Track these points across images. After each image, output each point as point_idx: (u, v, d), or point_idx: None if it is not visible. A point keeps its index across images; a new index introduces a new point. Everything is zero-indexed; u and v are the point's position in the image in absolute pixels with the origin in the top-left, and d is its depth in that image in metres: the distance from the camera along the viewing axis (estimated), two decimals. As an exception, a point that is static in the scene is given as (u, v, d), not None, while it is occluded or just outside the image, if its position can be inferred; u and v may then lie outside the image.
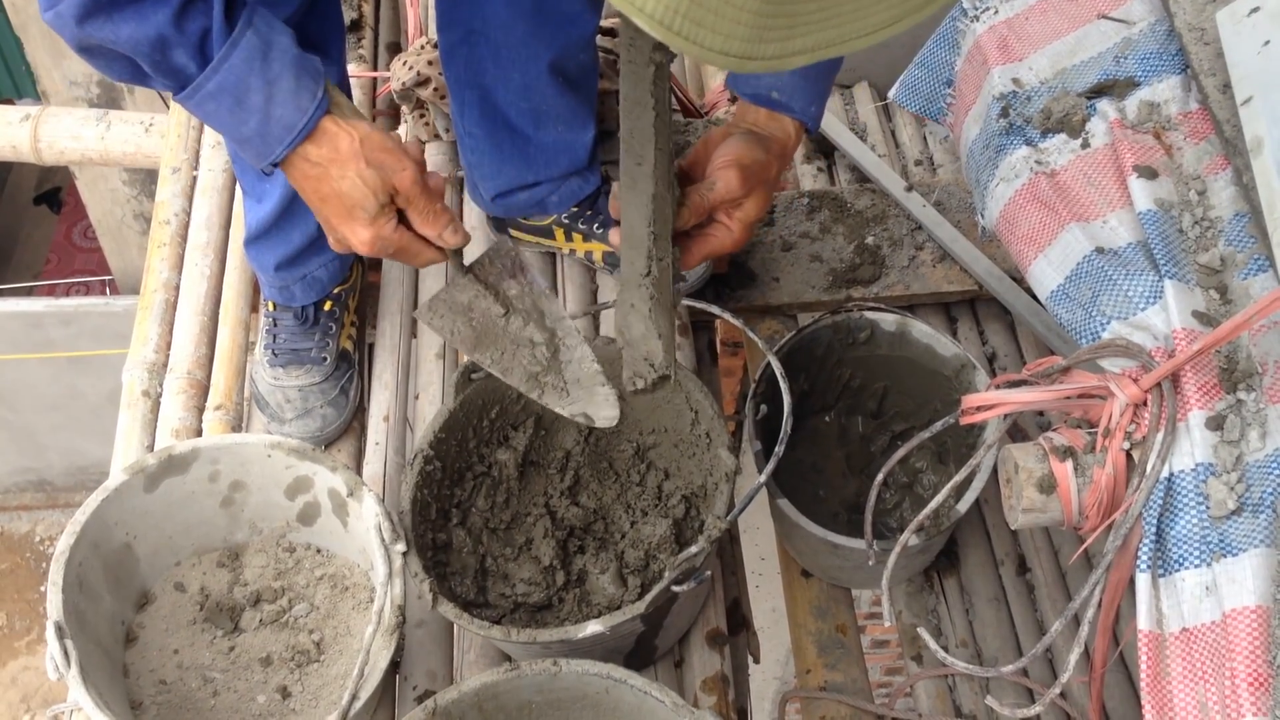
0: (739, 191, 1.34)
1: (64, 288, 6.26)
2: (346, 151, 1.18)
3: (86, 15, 1.11)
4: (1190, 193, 1.35)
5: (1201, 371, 1.21)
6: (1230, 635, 1.09)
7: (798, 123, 1.41)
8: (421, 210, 1.24)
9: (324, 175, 1.19)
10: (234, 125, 1.17)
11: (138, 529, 1.53)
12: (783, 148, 1.40)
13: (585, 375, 1.38)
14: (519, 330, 1.36)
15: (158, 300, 1.96)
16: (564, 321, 1.38)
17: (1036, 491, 1.26)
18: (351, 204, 1.20)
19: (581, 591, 1.60)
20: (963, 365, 1.72)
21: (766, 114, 1.40)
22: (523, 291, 1.37)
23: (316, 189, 1.21)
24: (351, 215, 1.21)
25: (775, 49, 0.79)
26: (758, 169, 1.35)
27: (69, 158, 2.46)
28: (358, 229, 1.22)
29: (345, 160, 1.18)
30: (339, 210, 1.21)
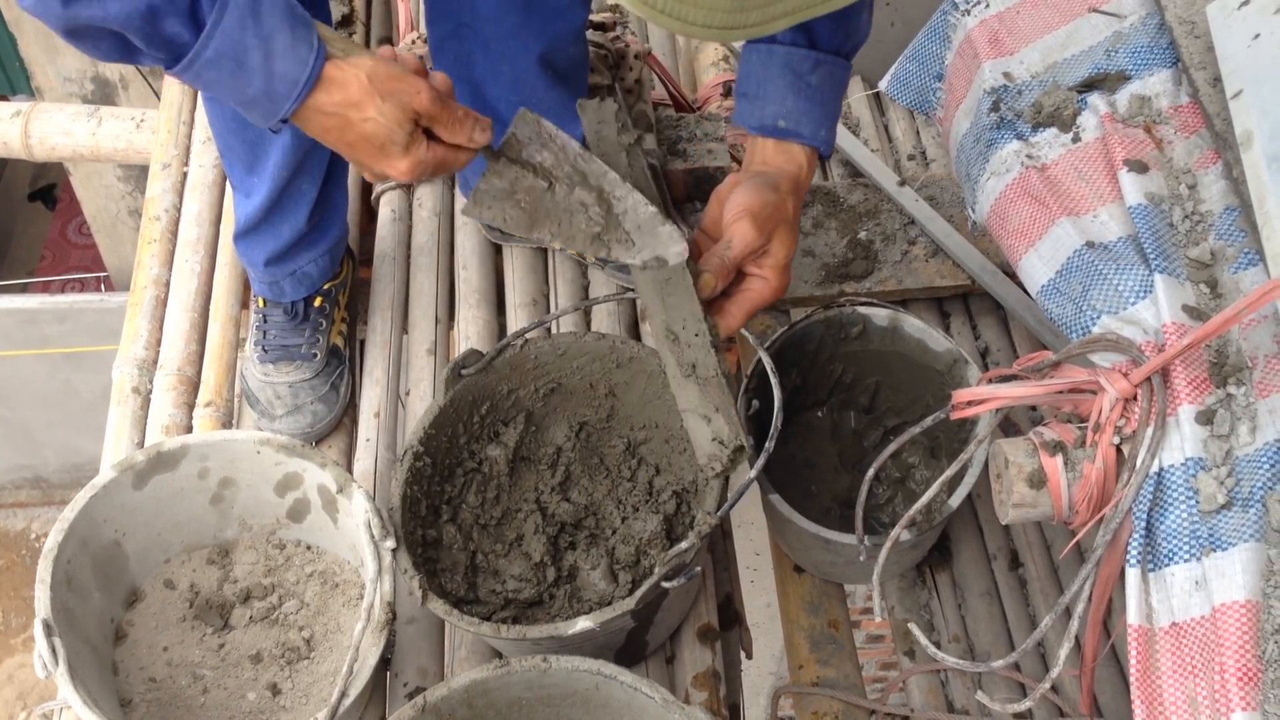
0: (758, 241, 1.30)
1: (59, 284, 6.25)
2: (359, 93, 1.16)
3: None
4: (1181, 187, 1.34)
5: (1191, 366, 1.20)
6: (1219, 630, 1.09)
7: (809, 149, 1.37)
8: (447, 123, 1.21)
9: (345, 122, 1.18)
10: (238, 89, 1.15)
11: (127, 526, 1.53)
12: (794, 181, 1.36)
13: (644, 221, 1.31)
14: (566, 197, 1.31)
15: (148, 296, 1.96)
16: (608, 175, 1.33)
17: (1027, 486, 1.26)
18: (381, 142, 1.18)
19: (572, 588, 1.60)
20: (955, 360, 1.72)
21: (774, 146, 1.36)
22: (558, 158, 1.32)
23: (342, 137, 1.19)
24: (385, 152, 1.19)
25: (758, 15, 0.78)
26: (772, 211, 1.31)
27: (60, 154, 2.46)
28: (395, 163, 1.20)
29: (361, 101, 1.16)
30: (370, 151, 1.19)
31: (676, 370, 1.26)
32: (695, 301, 1.28)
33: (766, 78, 1.36)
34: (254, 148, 1.62)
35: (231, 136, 1.63)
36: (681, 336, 1.25)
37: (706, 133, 2.09)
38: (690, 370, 1.25)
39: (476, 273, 1.95)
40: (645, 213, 1.31)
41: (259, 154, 1.63)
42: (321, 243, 1.76)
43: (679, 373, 1.26)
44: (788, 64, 1.34)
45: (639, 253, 1.30)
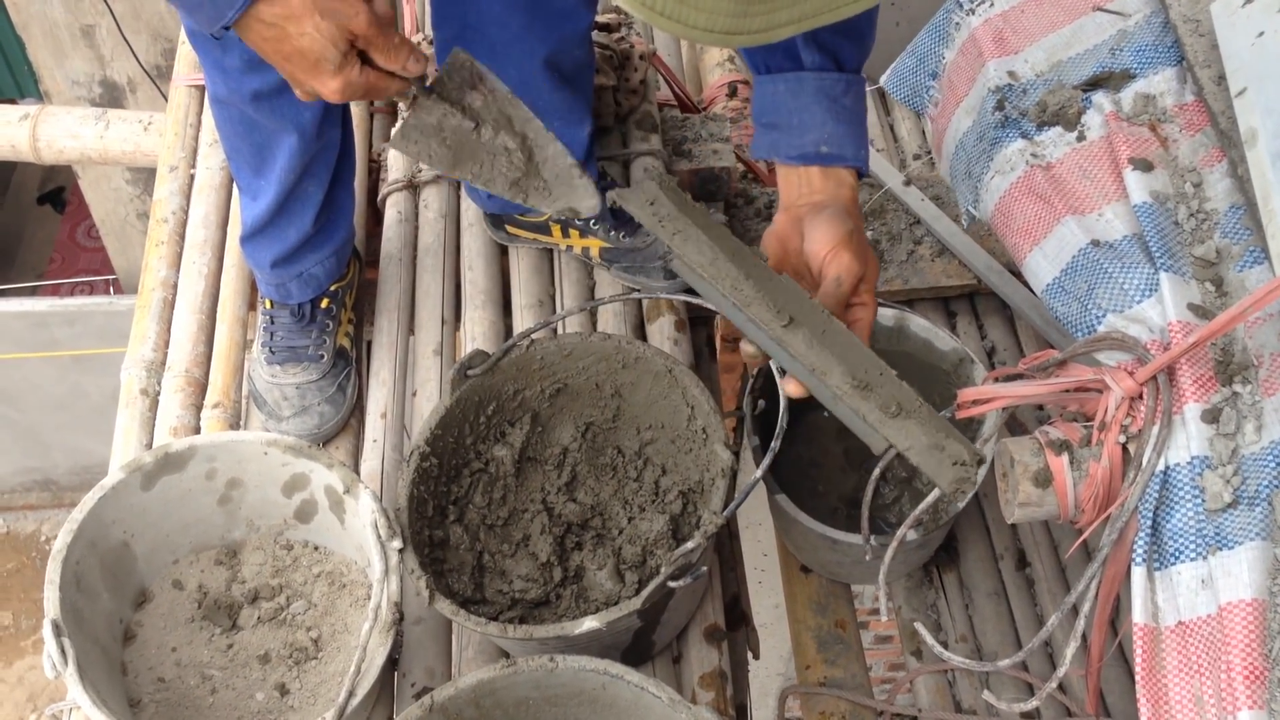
0: (860, 270, 1.30)
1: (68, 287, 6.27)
2: (299, 7, 1.16)
3: None
4: (1186, 185, 1.34)
5: (1197, 364, 1.20)
6: (1226, 628, 1.08)
7: (852, 169, 1.37)
8: (382, 48, 1.21)
9: (282, 34, 1.18)
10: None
11: (135, 527, 1.53)
12: (854, 203, 1.36)
13: (562, 170, 1.34)
14: (491, 140, 1.33)
15: (156, 299, 1.96)
16: (532, 122, 1.35)
17: (1032, 486, 1.26)
18: (315, 58, 1.18)
19: (579, 588, 1.60)
20: (961, 359, 1.71)
21: (819, 174, 1.35)
22: (487, 101, 1.34)
23: (278, 49, 1.19)
24: (317, 68, 1.19)
25: (761, 22, 0.77)
26: (856, 236, 1.31)
27: (68, 157, 2.46)
28: (325, 80, 1.20)
29: (300, 16, 1.16)
30: (304, 66, 1.19)
31: (880, 415, 1.21)
32: (861, 343, 1.24)
33: (800, 106, 1.36)
34: (261, 151, 1.63)
35: (239, 140, 1.63)
36: (873, 382, 1.21)
37: (712, 133, 2.09)
38: (898, 409, 1.21)
39: (482, 274, 1.96)
40: (564, 164, 1.33)
41: (266, 157, 1.63)
42: (328, 245, 1.77)
43: (884, 416, 1.21)
44: (821, 89, 1.35)
45: (554, 201, 1.32)
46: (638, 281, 1.89)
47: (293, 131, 1.61)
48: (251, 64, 1.50)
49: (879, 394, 1.20)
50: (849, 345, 1.22)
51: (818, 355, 1.20)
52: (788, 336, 1.21)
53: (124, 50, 4.92)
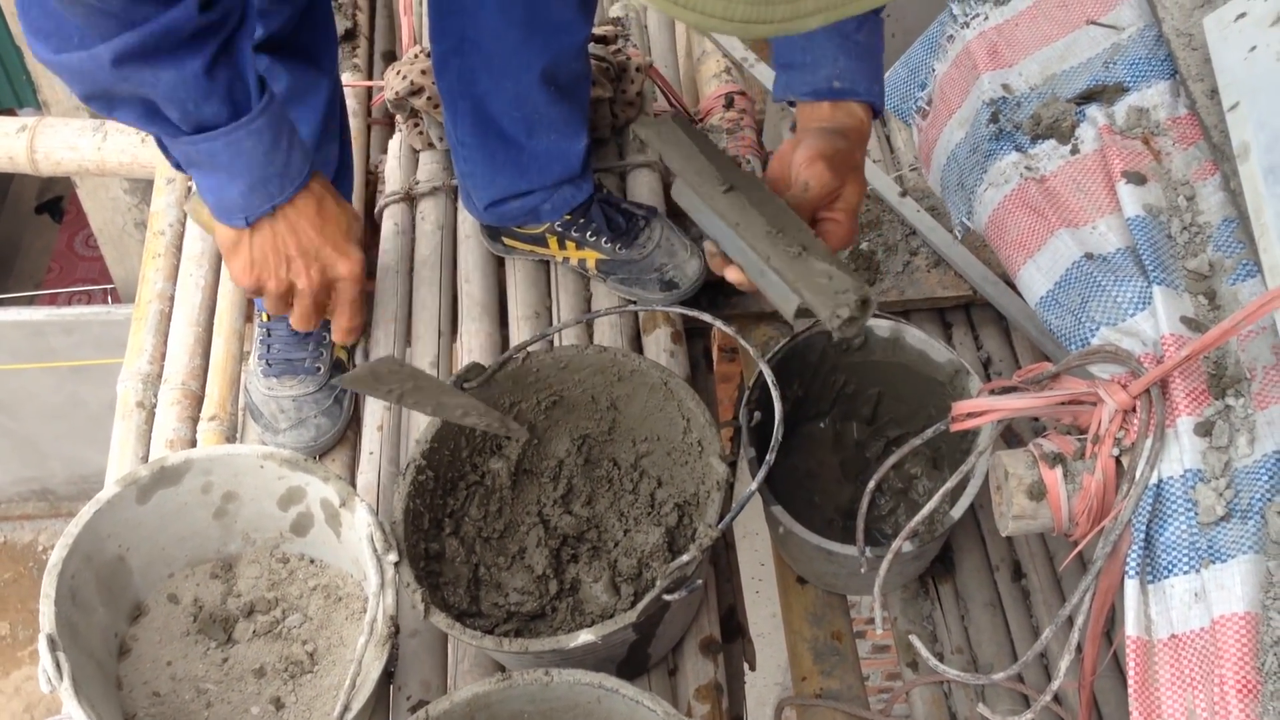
0: (834, 183, 1.33)
1: (65, 296, 6.27)
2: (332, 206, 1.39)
3: (125, 59, 1.10)
4: (1179, 198, 1.35)
5: (1190, 377, 1.21)
6: (1219, 642, 1.09)
7: (865, 105, 1.39)
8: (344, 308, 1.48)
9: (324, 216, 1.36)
10: (266, 162, 1.25)
11: (130, 541, 1.53)
12: (859, 133, 1.39)
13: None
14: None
15: (152, 311, 1.97)
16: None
17: (1026, 498, 1.26)
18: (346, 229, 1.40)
19: (575, 600, 1.60)
20: (957, 371, 1.72)
21: (830, 107, 1.38)
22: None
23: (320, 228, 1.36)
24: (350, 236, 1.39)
25: (785, 10, 0.76)
26: (843, 156, 1.34)
27: (65, 168, 2.47)
28: (352, 252, 1.40)
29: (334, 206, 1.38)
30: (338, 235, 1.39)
31: (786, 256, 1.26)
32: (790, 211, 1.30)
33: (811, 44, 1.38)
34: None
35: None
36: (787, 230, 1.27)
37: (708, 144, 2.09)
38: (801, 250, 1.26)
39: (479, 286, 1.96)
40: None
41: None
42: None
43: (789, 257, 1.26)
44: (832, 26, 1.36)
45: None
46: (634, 293, 1.89)
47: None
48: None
49: (787, 237, 1.26)
50: (776, 209, 1.28)
51: (743, 214, 1.26)
52: (722, 201, 1.28)
53: (122, 60, 4.92)
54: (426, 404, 1.49)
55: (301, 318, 1.43)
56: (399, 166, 2.12)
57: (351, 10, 2.40)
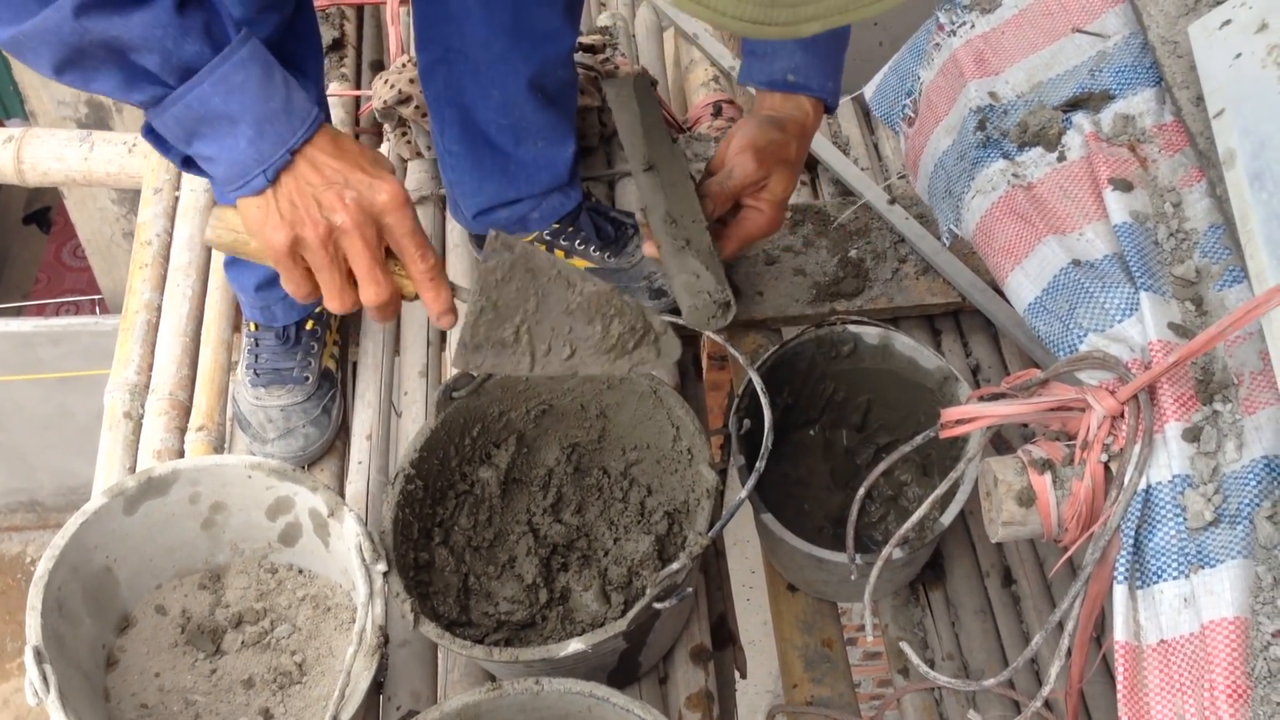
0: (757, 173, 1.37)
1: (53, 307, 6.25)
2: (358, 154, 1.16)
3: (88, 5, 1.02)
4: (1165, 205, 1.35)
5: (1178, 383, 1.21)
6: (1209, 647, 1.09)
7: (816, 100, 1.43)
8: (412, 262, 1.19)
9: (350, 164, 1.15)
10: (264, 97, 1.10)
11: (118, 552, 1.53)
12: (801, 126, 1.42)
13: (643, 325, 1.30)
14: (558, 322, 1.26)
15: (139, 321, 1.96)
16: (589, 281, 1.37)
17: (1016, 504, 1.26)
18: (373, 159, 1.17)
19: (565, 609, 1.59)
20: (946, 378, 1.72)
21: (782, 97, 1.42)
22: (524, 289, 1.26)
23: (345, 175, 1.15)
24: (379, 165, 1.17)
25: (787, 15, 0.79)
26: (774, 148, 1.37)
27: (53, 179, 2.46)
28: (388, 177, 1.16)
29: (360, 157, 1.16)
30: (369, 167, 1.16)
31: (671, 245, 1.33)
32: (696, 201, 1.37)
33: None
34: None
35: None
36: (680, 221, 1.34)
37: (697, 153, 2.10)
38: (685, 244, 1.33)
39: (468, 294, 1.96)
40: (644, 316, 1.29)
41: None
42: None
43: (673, 247, 1.33)
44: None
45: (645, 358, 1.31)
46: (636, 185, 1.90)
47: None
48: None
49: (680, 232, 1.34)
50: (685, 199, 1.36)
51: (652, 194, 1.35)
52: (640, 177, 1.37)
53: (110, 70, 4.91)
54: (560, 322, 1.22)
55: (364, 270, 1.15)
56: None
57: (339, 20, 2.40)
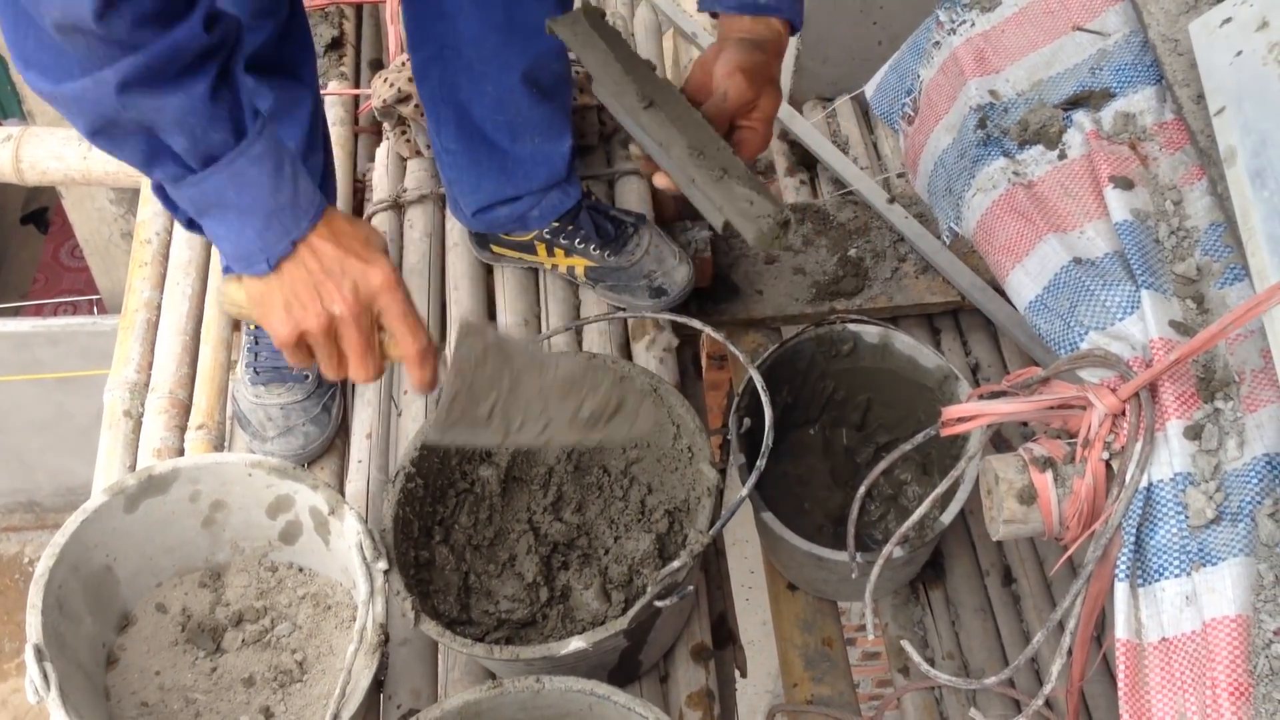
0: (750, 93, 1.39)
1: (51, 307, 6.24)
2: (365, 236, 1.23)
3: (131, 84, 1.06)
4: (1166, 203, 1.35)
5: (1179, 381, 1.21)
6: (1211, 645, 1.09)
7: (785, 21, 1.45)
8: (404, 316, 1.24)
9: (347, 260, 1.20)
10: (273, 189, 1.16)
11: (118, 550, 1.53)
12: (776, 46, 1.45)
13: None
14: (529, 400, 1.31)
15: (139, 320, 1.96)
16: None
17: (1017, 503, 1.26)
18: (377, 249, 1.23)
19: (565, 608, 1.59)
20: (946, 376, 1.72)
21: (752, 20, 1.44)
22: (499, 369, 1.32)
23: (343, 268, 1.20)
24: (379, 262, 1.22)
25: None
26: (761, 68, 1.40)
27: (51, 178, 2.46)
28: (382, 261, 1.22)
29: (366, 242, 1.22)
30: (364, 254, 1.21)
31: (709, 177, 1.33)
32: (710, 127, 1.37)
33: None
34: None
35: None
36: (707, 151, 1.34)
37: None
38: (723, 173, 1.33)
39: (468, 293, 1.96)
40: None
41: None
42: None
43: (711, 179, 1.33)
44: None
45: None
46: (623, 300, 1.89)
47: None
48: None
49: (712, 161, 1.33)
50: (699, 128, 1.36)
51: (663, 131, 1.34)
52: (644, 117, 1.35)
53: (108, 70, 4.91)
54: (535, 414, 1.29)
55: (357, 356, 1.23)
56: (386, 174, 2.12)
57: (338, 19, 2.40)
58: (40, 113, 5.23)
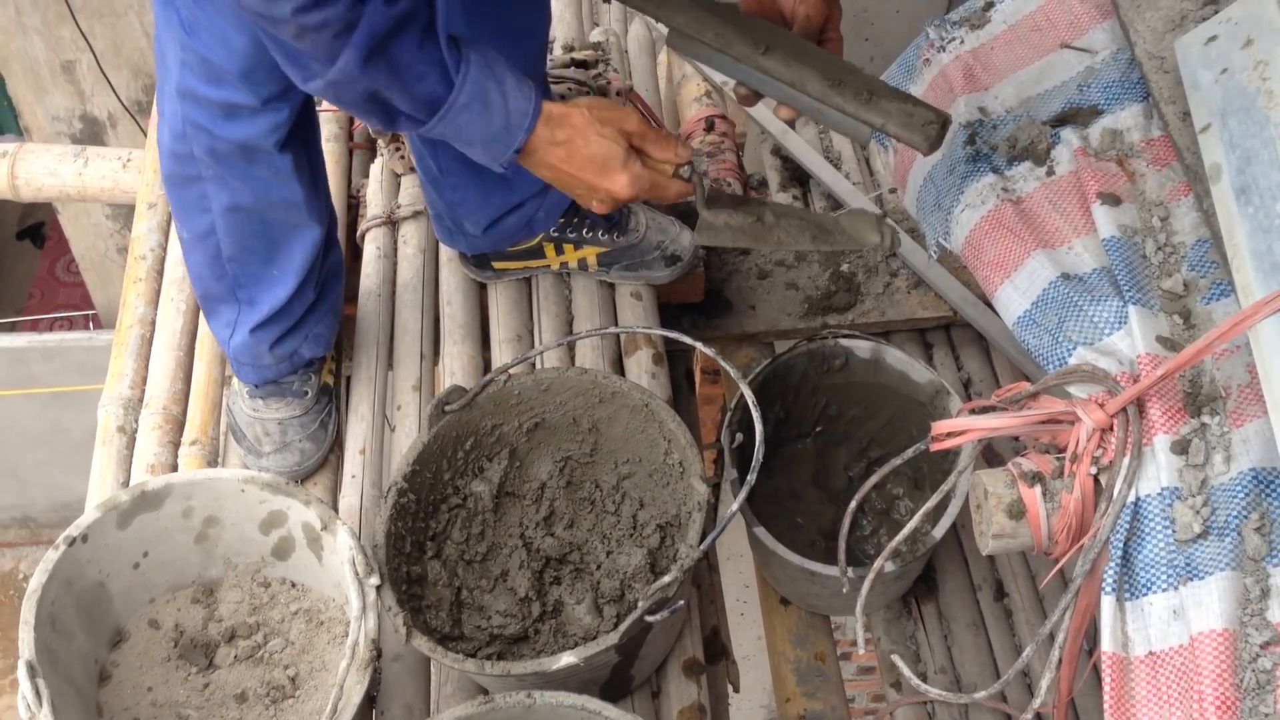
0: (827, 10, 1.45)
1: (47, 322, 6.24)
2: (582, 122, 1.36)
3: (369, 59, 1.22)
4: (1153, 219, 1.36)
5: (1166, 396, 1.21)
6: (1197, 659, 1.09)
7: None
8: (654, 139, 1.39)
9: (571, 149, 1.37)
10: (484, 126, 1.33)
11: (111, 566, 1.53)
12: None
13: (840, 214, 1.53)
14: (775, 221, 1.49)
15: (133, 336, 1.96)
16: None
17: (1006, 517, 1.27)
18: (605, 160, 1.37)
19: (557, 622, 1.60)
20: (937, 391, 1.73)
21: None
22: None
23: (569, 163, 1.38)
24: (607, 169, 1.37)
25: None
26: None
27: (47, 194, 2.46)
28: (617, 177, 1.38)
29: (584, 128, 1.36)
30: (596, 170, 1.38)
31: (857, 102, 1.37)
32: (825, 53, 1.41)
33: None
34: (278, 244, 1.65)
35: (254, 240, 1.64)
36: (843, 78, 1.37)
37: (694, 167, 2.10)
38: (869, 95, 1.37)
39: (461, 308, 1.96)
40: (845, 213, 1.53)
41: (283, 248, 1.65)
42: (325, 303, 1.77)
43: (860, 102, 1.37)
44: None
45: (841, 238, 1.51)
46: (640, 277, 1.93)
47: (317, 224, 1.65)
48: (282, 174, 1.56)
49: (851, 86, 1.37)
50: (820, 57, 1.40)
51: (795, 71, 1.38)
52: (766, 62, 1.39)
53: (104, 86, 4.93)
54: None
55: (665, 144, 1.40)
56: (380, 190, 2.13)
57: (334, 35, 2.41)
58: (36, 129, 5.24)
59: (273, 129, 1.51)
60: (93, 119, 5.22)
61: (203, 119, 1.50)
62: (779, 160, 2.48)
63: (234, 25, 1.41)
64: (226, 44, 1.42)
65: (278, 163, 1.54)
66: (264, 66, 1.43)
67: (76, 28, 4.70)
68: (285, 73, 1.30)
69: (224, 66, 1.44)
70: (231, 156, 1.54)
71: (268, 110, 1.50)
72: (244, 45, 1.42)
